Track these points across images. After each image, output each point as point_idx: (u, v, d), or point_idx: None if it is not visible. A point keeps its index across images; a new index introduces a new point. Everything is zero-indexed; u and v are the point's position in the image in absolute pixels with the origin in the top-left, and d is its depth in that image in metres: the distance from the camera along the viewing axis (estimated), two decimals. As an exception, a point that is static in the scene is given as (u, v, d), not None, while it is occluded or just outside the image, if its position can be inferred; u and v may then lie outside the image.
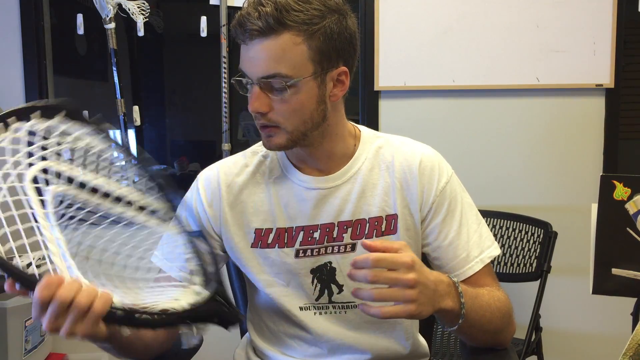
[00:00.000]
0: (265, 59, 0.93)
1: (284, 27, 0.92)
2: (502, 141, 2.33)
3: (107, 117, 2.45)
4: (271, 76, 0.93)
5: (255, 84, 0.95)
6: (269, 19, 0.91)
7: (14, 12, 2.29)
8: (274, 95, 0.95)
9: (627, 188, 1.50)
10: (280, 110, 0.96)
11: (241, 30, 0.93)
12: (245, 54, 0.95)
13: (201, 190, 1.10)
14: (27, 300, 2.00)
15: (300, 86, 0.95)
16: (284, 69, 0.93)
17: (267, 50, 0.92)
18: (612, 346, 2.31)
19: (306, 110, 0.97)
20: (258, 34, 0.92)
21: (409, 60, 2.27)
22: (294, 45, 0.93)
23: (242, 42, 0.95)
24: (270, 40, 0.92)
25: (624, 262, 1.51)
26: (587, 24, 2.23)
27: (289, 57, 0.93)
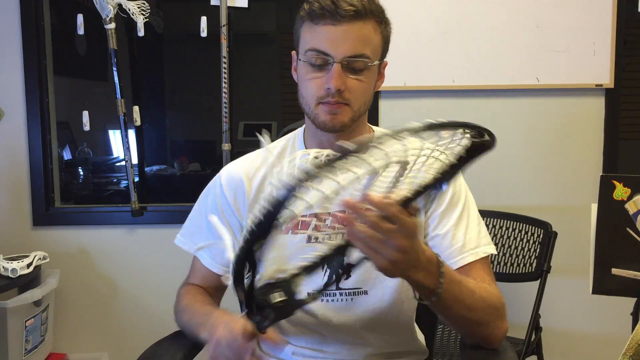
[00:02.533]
0: (354, 39, 1.01)
1: (371, 14, 1.02)
2: (502, 141, 2.30)
3: (107, 117, 2.45)
4: (358, 56, 1.02)
5: (337, 63, 1.02)
6: (364, 3, 1.01)
7: (14, 12, 2.29)
8: (351, 75, 1.03)
9: (627, 188, 1.50)
10: (355, 89, 1.04)
11: (334, 9, 1.00)
12: (331, 33, 1.01)
13: (224, 185, 1.15)
14: (27, 300, 2.01)
15: (371, 69, 1.05)
16: (368, 51, 1.03)
17: (358, 32, 1.01)
18: (612, 346, 2.31)
19: (370, 92, 1.08)
20: (352, 15, 1.00)
21: (409, 60, 2.27)
22: (374, 32, 1.04)
23: (328, 22, 1.01)
24: (361, 23, 1.01)
25: (624, 262, 1.51)
26: (587, 24, 2.24)
27: (372, 41, 1.03)
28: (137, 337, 2.37)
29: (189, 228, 1.20)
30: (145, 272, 2.37)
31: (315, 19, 1.02)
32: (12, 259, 2.08)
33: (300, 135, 1.16)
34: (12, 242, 2.34)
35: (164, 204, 2.45)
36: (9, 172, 2.35)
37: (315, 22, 1.02)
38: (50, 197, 2.40)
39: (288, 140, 1.19)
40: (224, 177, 1.16)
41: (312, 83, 1.05)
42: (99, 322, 2.43)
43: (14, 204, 2.37)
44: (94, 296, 2.41)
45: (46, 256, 2.21)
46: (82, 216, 2.40)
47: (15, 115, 2.33)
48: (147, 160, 2.51)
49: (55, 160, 2.43)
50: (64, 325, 2.40)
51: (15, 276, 2.02)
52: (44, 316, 2.18)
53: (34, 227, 2.38)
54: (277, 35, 2.50)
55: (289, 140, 1.19)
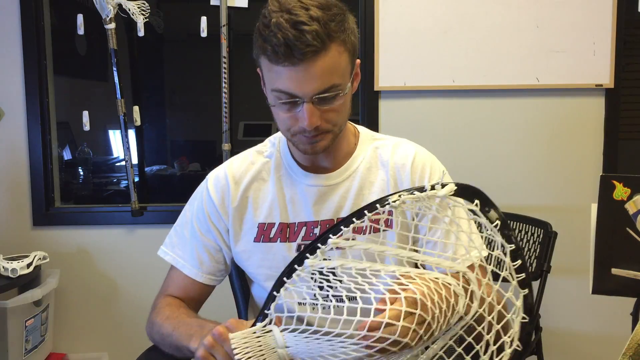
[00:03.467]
0: (320, 75, 0.94)
1: (331, 41, 0.93)
2: (502, 141, 2.33)
3: (107, 117, 2.45)
4: (327, 90, 0.95)
5: (307, 102, 0.95)
6: (321, 37, 0.91)
7: (14, 13, 2.30)
8: (325, 106, 0.97)
9: (627, 188, 1.50)
10: (332, 118, 1.00)
11: (289, 53, 0.91)
12: (293, 75, 0.93)
13: (211, 189, 1.14)
14: (27, 300, 2.01)
15: (345, 91, 0.99)
16: (337, 79, 0.96)
17: (322, 66, 0.93)
18: (612, 346, 2.31)
19: (348, 109, 1.03)
20: (312, 54, 0.91)
21: (409, 60, 2.27)
22: (339, 55, 0.95)
23: (287, 65, 0.92)
24: (324, 56, 0.93)
25: (624, 262, 1.51)
26: (587, 24, 2.24)
27: (339, 67, 0.96)
28: (137, 337, 2.37)
29: (172, 238, 1.19)
30: (145, 272, 2.37)
31: (273, 60, 0.94)
32: (12, 259, 2.09)
33: (285, 140, 1.14)
34: (12, 242, 2.35)
35: (164, 204, 2.45)
36: (9, 172, 2.35)
37: (273, 62, 0.94)
38: (50, 197, 2.40)
39: (274, 146, 1.16)
40: (210, 182, 1.15)
41: (285, 120, 1.00)
42: (99, 322, 2.43)
43: (14, 204, 2.37)
44: (94, 296, 2.41)
45: (46, 256, 2.21)
46: (82, 216, 2.40)
47: (15, 115, 2.33)
48: (147, 160, 2.51)
49: (55, 160, 2.43)
50: (64, 325, 2.40)
51: (15, 276, 2.02)
52: (44, 316, 2.18)
53: (34, 227, 2.38)
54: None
55: (274, 146, 1.16)
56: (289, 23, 0.91)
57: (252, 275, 1.15)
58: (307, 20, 0.90)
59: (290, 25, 0.90)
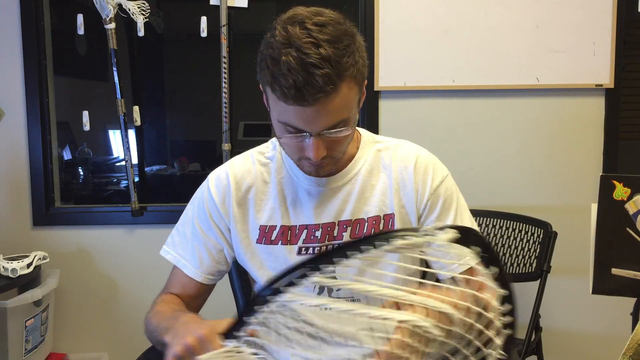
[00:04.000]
0: (329, 114, 0.93)
1: (342, 80, 0.91)
2: (502, 141, 2.33)
3: (107, 117, 2.45)
4: (336, 125, 0.95)
5: (314, 136, 0.95)
6: (333, 80, 0.89)
7: (14, 12, 2.30)
8: (332, 137, 0.97)
9: (627, 188, 1.50)
10: (338, 147, 1.00)
11: (299, 96, 0.89)
12: (302, 114, 0.92)
13: (212, 189, 1.14)
14: (27, 300, 2.01)
15: (355, 121, 0.99)
16: (346, 114, 0.95)
17: (331, 106, 0.92)
18: (612, 346, 2.31)
19: (351, 137, 1.03)
20: (324, 97, 0.90)
21: (409, 60, 2.27)
22: (350, 90, 0.94)
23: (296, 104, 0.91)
24: (333, 98, 0.91)
25: (624, 262, 1.51)
26: (587, 24, 2.24)
27: (348, 102, 0.95)
28: (137, 337, 2.36)
29: (174, 237, 1.19)
30: (145, 272, 2.37)
31: (280, 99, 0.91)
32: (12, 259, 2.09)
33: None
34: (12, 242, 2.34)
35: (164, 204, 2.45)
36: (9, 172, 2.35)
37: (281, 100, 0.91)
38: (50, 197, 2.40)
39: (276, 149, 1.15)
40: (212, 181, 1.15)
41: (291, 147, 0.99)
42: (99, 322, 2.43)
43: (14, 204, 2.37)
44: (94, 296, 2.41)
45: (46, 256, 2.21)
46: (82, 216, 2.40)
47: (15, 115, 2.33)
48: (147, 160, 2.51)
49: (55, 160, 2.43)
50: (64, 325, 2.40)
51: (15, 276, 2.02)
52: (44, 316, 2.18)
53: (34, 227, 2.38)
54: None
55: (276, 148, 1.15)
56: (300, 64, 0.88)
57: (254, 276, 1.15)
58: (318, 62, 0.88)
59: (301, 67, 0.87)
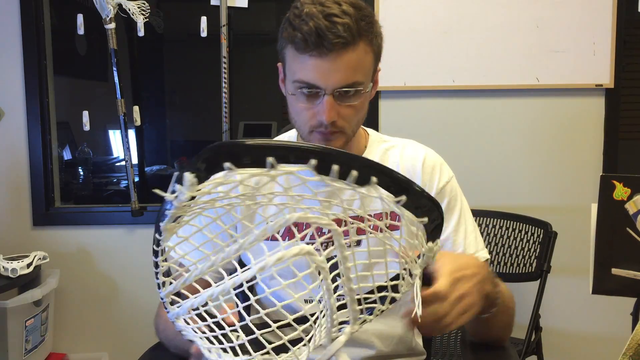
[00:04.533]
0: (345, 70, 0.94)
1: (360, 37, 0.94)
2: (502, 141, 2.33)
3: (107, 117, 2.45)
4: (350, 85, 0.96)
5: (328, 95, 0.96)
6: (353, 30, 0.93)
7: (14, 12, 2.30)
8: (344, 102, 0.98)
9: (627, 188, 1.50)
10: (348, 116, 1.00)
11: (319, 41, 0.92)
12: (319, 65, 0.94)
13: None
14: (27, 300, 2.01)
15: (365, 91, 0.99)
16: (360, 77, 0.97)
17: (348, 61, 0.94)
18: (612, 346, 2.31)
19: (364, 112, 1.03)
20: (342, 45, 0.93)
21: (409, 60, 2.27)
22: (365, 54, 0.97)
23: (314, 55, 0.94)
24: (351, 51, 0.94)
25: (624, 262, 1.51)
26: (587, 24, 2.24)
27: (364, 64, 0.97)
28: (137, 337, 2.37)
29: None
30: (145, 272, 2.37)
31: (300, 49, 0.95)
32: (12, 259, 2.08)
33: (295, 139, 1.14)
34: (12, 242, 2.34)
35: (164, 204, 2.45)
36: (9, 172, 2.35)
37: (300, 52, 0.95)
38: (50, 197, 2.40)
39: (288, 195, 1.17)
40: None
41: (303, 113, 1.00)
42: (99, 322, 2.43)
43: (14, 204, 2.37)
44: (94, 296, 2.41)
45: (46, 256, 2.21)
46: (82, 216, 2.40)
47: (15, 115, 2.33)
48: (147, 160, 2.51)
49: (55, 160, 2.43)
50: (64, 325, 2.40)
51: (15, 276, 2.02)
52: (44, 316, 2.18)
53: (34, 227, 2.38)
54: (277, 35, 2.50)
55: None
56: (322, 14, 0.92)
57: None
58: (340, 13, 0.92)
59: (323, 16, 0.92)
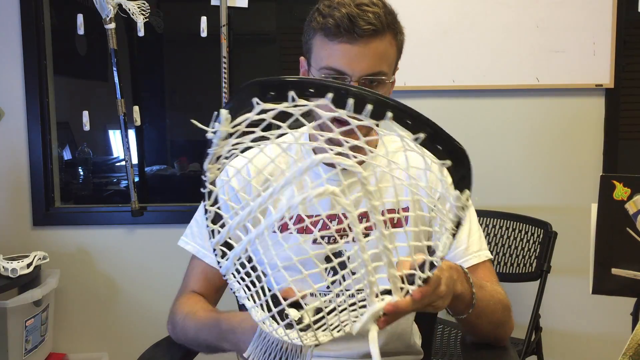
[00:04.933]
0: (372, 58, 0.98)
1: (388, 29, 1.00)
2: (502, 141, 2.33)
3: (107, 117, 2.45)
4: (375, 74, 1.00)
5: (354, 82, 0.99)
6: (382, 20, 0.98)
7: (14, 12, 2.29)
8: None
9: (627, 188, 1.50)
10: None
11: (351, 27, 0.96)
12: (347, 51, 0.97)
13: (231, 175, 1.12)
14: (27, 300, 2.01)
15: (386, 84, 1.03)
16: (385, 67, 1.01)
17: (376, 49, 0.98)
18: (612, 346, 2.31)
19: None
20: (372, 33, 0.97)
21: (409, 60, 2.26)
22: (391, 46, 1.02)
23: (344, 41, 0.97)
24: (379, 40, 0.98)
25: (624, 262, 1.51)
26: (587, 24, 2.24)
27: (389, 56, 1.02)
28: (137, 337, 2.37)
29: (192, 228, 1.18)
30: (145, 272, 2.37)
31: (330, 35, 0.98)
32: (12, 259, 2.08)
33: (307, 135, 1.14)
34: (12, 242, 2.34)
35: (164, 204, 2.45)
36: (9, 172, 2.35)
37: (330, 38, 0.98)
38: (50, 197, 2.40)
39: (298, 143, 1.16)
40: (231, 169, 1.15)
41: None
42: (99, 322, 2.43)
43: (14, 204, 2.37)
44: (94, 296, 2.41)
45: (46, 256, 2.21)
46: (82, 216, 2.40)
47: (15, 115, 2.33)
48: (147, 160, 2.51)
49: (55, 160, 2.43)
50: (64, 325, 2.40)
51: (15, 276, 2.02)
52: (44, 316, 2.18)
53: (34, 227, 2.38)
54: (277, 35, 2.49)
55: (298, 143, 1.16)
56: (353, 2, 0.97)
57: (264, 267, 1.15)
58: (369, 3, 0.97)
59: (354, 4, 0.97)
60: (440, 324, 2.12)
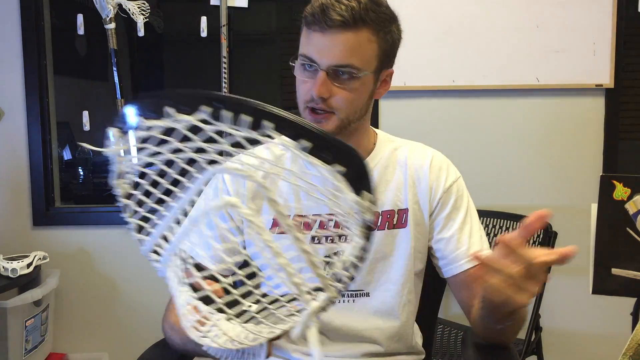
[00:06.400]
0: (341, 49, 0.99)
1: (363, 24, 0.99)
2: (502, 141, 2.33)
3: (107, 117, 2.45)
4: (343, 66, 1.00)
5: (322, 70, 1.00)
6: (354, 13, 0.98)
7: (14, 12, 2.30)
8: (337, 83, 1.01)
9: (627, 188, 1.50)
10: (340, 98, 1.02)
11: (322, 17, 0.98)
12: (318, 40, 1.00)
13: (227, 179, 1.14)
14: (27, 300, 2.01)
15: (363, 79, 1.02)
16: (356, 61, 1.00)
17: (345, 42, 0.99)
18: (612, 346, 2.31)
19: (360, 101, 1.05)
20: (341, 24, 0.98)
21: (409, 60, 2.27)
22: (368, 42, 1.01)
23: (317, 30, 1.00)
24: (350, 33, 0.99)
25: (624, 262, 1.51)
26: (587, 24, 2.24)
27: (362, 51, 1.01)
28: (137, 337, 2.37)
29: None
30: (145, 272, 2.37)
31: (308, 24, 1.01)
32: (12, 259, 2.09)
33: None
34: (12, 242, 2.34)
35: (164, 204, 2.45)
36: (9, 172, 2.35)
37: (307, 26, 1.02)
38: (50, 197, 2.40)
39: None
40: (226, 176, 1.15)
41: (301, 86, 1.05)
42: (99, 322, 2.43)
43: (14, 204, 2.37)
44: (94, 296, 2.41)
45: (46, 256, 2.21)
46: (82, 216, 2.40)
47: (15, 115, 2.33)
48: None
49: (55, 160, 2.43)
50: (64, 325, 2.40)
51: (15, 276, 2.02)
52: (44, 316, 2.18)
53: (34, 227, 2.38)
54: (277, 35, 2.50)
55: None
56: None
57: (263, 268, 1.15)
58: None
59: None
60: (440, 324, 2.12)
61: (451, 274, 1.11)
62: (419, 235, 1.11)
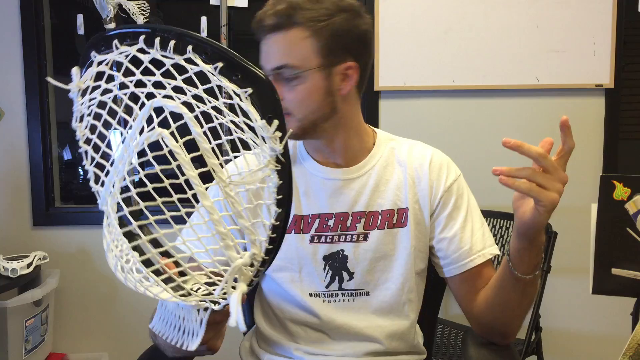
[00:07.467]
0: (276, 52, 1.02)
1: (293, 23, 1.01)
2: (501, 141, 2.32)
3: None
4: (280, 67, 1.02)
5: (269, 76, 1.03)
6: (281, 16, 1.01)
7: (14, 12, 2.30)
8: (284, 85, 1.03)
9: (627, 188, 1.50)
10: (290, 99, 1.03)
11: (258, 28, 1.03)
12: (262, 49, 1.05)
13: None
14: (27, 300, 2.01)
15: (306, 77, 1.02)
16: (291, 61, 1.02)
17: (277, 44, 1.02)
18: (612, 346, 2.31)
19: (313, 100, 1.04)
20: (271, 29, 1.02)
21: (409, 60, 2.27)
22: (300, 40, 1.01)
23: (260, 40, 1.04)
24: (280, 35, 1.02)
25: (624, 262, 1.51)
26: (587, 24, 2.24)
27: (296, 50, 1.02)
28: (137, 337, 2.37)
29: None
30: (145, 272, 2.37)
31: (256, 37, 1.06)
32: (12, 259, 2.09)
33: None
34: (12, 242, 2.35)
35: (164, 204, 2.45)
36: (9, 172, 2.35)
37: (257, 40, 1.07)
38: (50, 197, 2.40)
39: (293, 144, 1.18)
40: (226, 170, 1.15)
41: None
42: (99, 322, 2.43)
43: (14, 204, 2.37)
44: (94, 296, 2.41)
45: (46, 256, 2.21)
46: (82, 216, 2.40)
47: (15, 115, 2.33)
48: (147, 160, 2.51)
49: (55, 160, 2.43)
50: (64, 325, 2.40)
51: (15, 276, 2.02)
52: (44, 316, 2.18)
53: (34, 227, 2.38)
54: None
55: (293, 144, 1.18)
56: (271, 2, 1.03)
57: None
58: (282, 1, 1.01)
59: (269, 4, 1.03)
60: (441, 324, 2.12)
61: (453, 273, 1.11)
62: (420, 234, 1.11)
